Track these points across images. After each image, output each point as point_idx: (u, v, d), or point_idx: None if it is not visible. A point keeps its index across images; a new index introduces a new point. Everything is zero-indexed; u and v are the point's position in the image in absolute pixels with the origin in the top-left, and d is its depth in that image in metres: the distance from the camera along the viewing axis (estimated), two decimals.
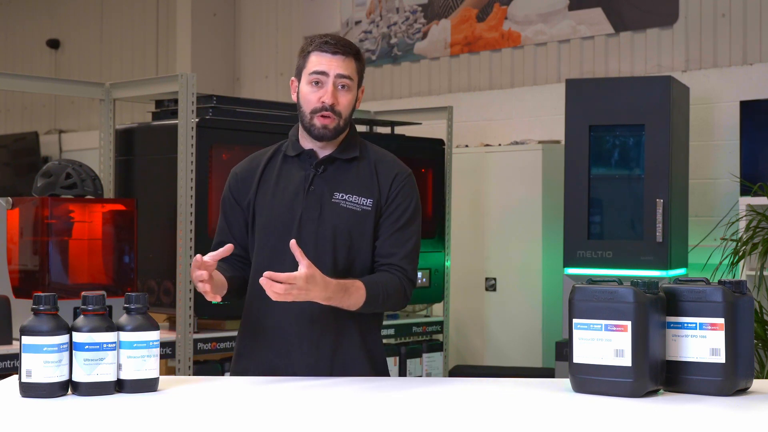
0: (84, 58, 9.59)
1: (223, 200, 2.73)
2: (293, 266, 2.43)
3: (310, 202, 2.61)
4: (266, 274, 2.36)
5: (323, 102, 2.56)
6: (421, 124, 5.78)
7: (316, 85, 2.58)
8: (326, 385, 2.42)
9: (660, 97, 4.96)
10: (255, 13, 8.29)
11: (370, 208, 2.62)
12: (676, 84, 5.08)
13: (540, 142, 6.07)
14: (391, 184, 2.64)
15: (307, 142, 2.64)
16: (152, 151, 4.65)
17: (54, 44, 9.81)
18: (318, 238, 2.59)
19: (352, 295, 2.52)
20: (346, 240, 2.60)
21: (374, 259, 2.64)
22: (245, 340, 2.70)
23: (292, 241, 2.43)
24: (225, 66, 8.36)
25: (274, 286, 2.35)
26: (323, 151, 2.64)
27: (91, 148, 6.10)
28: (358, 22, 7.52)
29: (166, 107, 4.67)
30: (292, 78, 2.66)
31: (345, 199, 2.61)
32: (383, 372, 2.71)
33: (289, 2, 8.04)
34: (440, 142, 5.58)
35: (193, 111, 4.26)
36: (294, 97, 2.64)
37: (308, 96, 2.59)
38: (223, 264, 2.61)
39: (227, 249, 2.46)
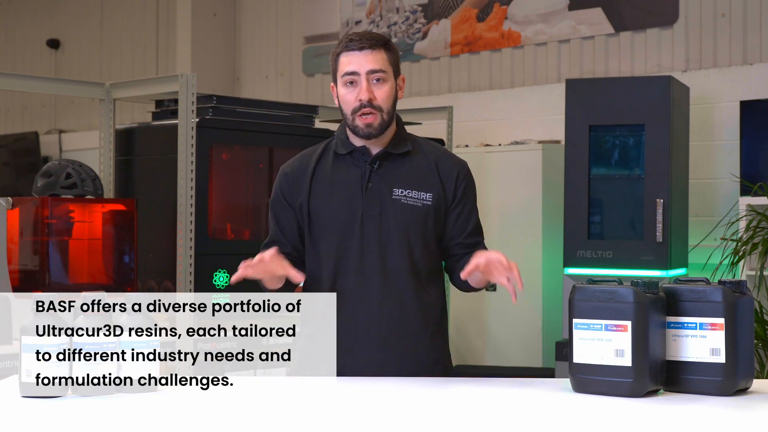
0: (84, 58, 9.59)
1: (273, 202, 2.69)
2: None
3: (369, 199, 2.60)
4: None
5: (360, 100, 2.57)
6: (421, 124, 5.78)
7: (351, 86, 2.59)
8: (326, 385, 2.42)
9: (660, 97, 4.96)
10: (255, 13, 8.29)
11: (430, 203, 2.63)
12: (676, 84, 5.08)
13: (540, 142, 6.07)
14: (456, 181, 2.68)
15: (357, 140, 2.64)
16: (152, 151, 4.65)
17: (54, 44, 9.80)
18: (382, 235, 2.58)
19: None
20: (410, 235, 2.59)
21: (455, 250, 2.68)
22: (310, 339, 2.64)
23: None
24: (225, 66, 8.36)
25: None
26: (375, 147, 2.64)
27: (91, 148, 6.11)
28: (358, 22, 7.52)
29: (166, 107, 4.68)
30: (331, 84, 2.66)
31: (405, 195, 2.61)
32: (449, 370, 2.69)
33: (289, 2, 8.03)
34: (440, 142, 5.57)
35: (193, 111, 4.25)
36: (336, 103, 2.65)
37: (346, 97, 2.60)
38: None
39: (273, 252, 2.46)
